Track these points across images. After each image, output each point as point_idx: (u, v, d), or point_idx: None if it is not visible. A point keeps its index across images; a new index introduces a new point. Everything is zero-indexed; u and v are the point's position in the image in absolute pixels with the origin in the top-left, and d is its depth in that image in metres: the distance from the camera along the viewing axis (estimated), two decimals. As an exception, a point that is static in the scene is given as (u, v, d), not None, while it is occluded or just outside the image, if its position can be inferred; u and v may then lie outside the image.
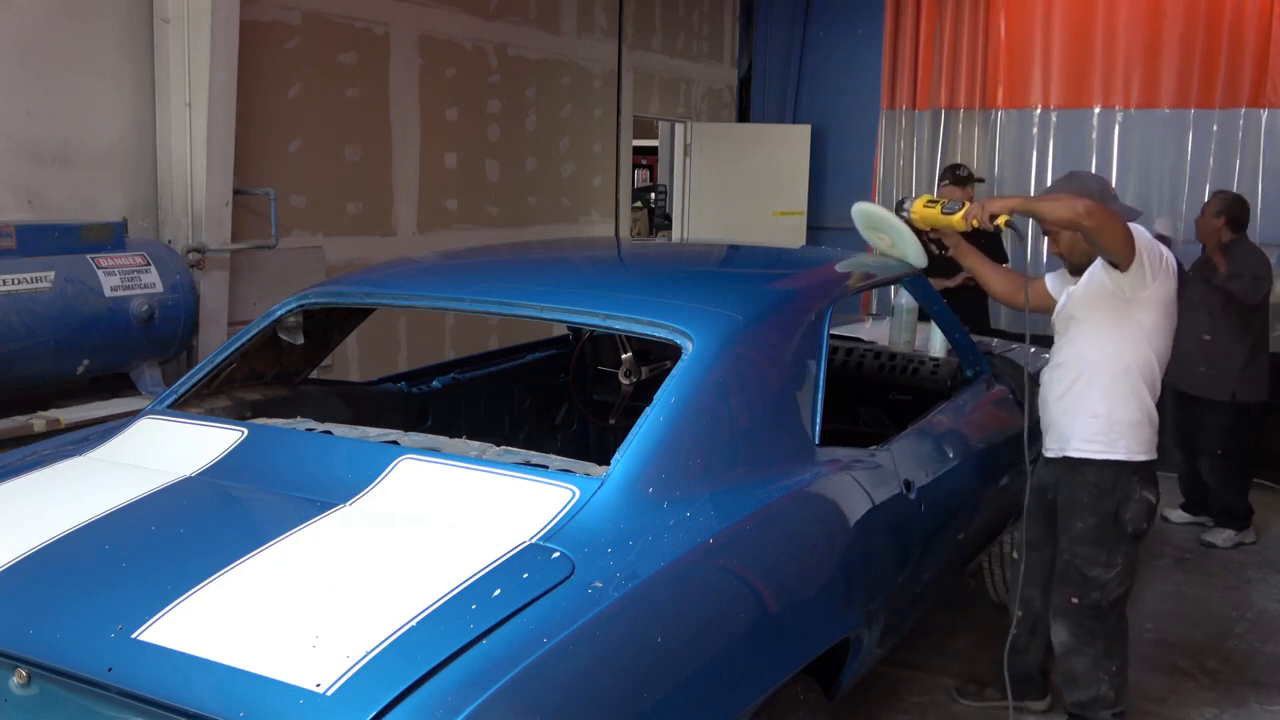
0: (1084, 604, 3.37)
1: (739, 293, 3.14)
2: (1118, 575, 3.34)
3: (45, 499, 2.54)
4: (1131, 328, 3.24)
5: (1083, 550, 3.35)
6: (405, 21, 6.00)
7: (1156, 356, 3.30)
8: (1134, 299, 3.20)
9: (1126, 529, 3.31)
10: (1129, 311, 3.22)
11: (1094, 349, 3.29)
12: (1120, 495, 3.30)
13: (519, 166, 7.01)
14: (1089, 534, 3.33)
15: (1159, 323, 3.26)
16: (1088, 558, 3.34)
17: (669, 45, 8.52)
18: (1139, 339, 3.25)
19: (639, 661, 2.08)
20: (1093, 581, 3.35)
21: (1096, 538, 3.33)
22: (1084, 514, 3.34)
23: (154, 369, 4.34)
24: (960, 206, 3.33)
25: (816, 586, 2.68)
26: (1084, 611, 3.38)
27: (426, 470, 2.50)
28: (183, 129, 4.65)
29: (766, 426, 2.78)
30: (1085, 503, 3.34)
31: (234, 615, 1.99)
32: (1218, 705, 3.94)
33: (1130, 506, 3.30)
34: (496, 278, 3.41)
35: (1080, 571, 3.36)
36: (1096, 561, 3.33)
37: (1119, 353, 3.26)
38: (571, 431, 4.79)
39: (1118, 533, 3.31)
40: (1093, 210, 3.01)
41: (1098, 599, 3.35)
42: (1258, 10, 7.45)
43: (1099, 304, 3.26)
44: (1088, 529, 3.34)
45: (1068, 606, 3.40)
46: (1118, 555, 3.33)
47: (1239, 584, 5.11)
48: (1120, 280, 3.17)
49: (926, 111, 8.55)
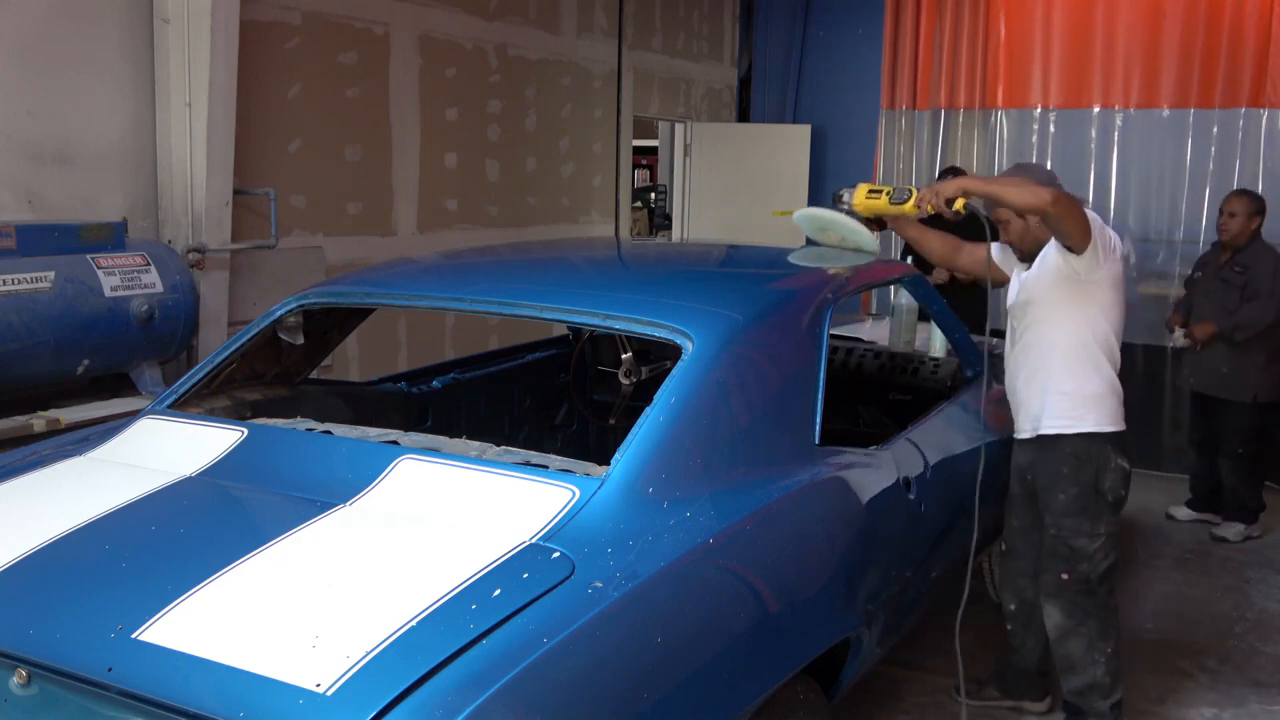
0: (1074, 579, 3.44)
1: (739, 293, 3.14)
2: (1103, 546, 3.42)
3: (45, 499, 2.54)
4: (1089, 306, 3.37)
5: (1068, 522, 3.43)
6: (405, 21, 5.99)
7: (1114, 331, 3.43)
8: (1089, 279, 3.32)
9: (1107, 497, 3.41)
10: (1085, 290, 3.34)
11: (1054, 329, 3.40)
12: (1098, 464, 3.40)
13: (519, 166, 7.01)
14: (1071, 505, 3.42)
15: (1113, 299, 3.40)
16: (1073, 529, 3.42)
17: (669, 45, 8.51)
18: (1096, 316, 3.39)
19: (639, 661, 2.08)
20: (1080, 553, 3.42)
21: (1079, 508, 3.41)
22: (1065, 485, 3.43)
23: (154, 369, 4.34)
24: (909, 194, 3.41)
25: (816, 586, 2.68)
26: (1075, 587, 3.44)
27: (426, 470, 2.51)
28: (183, 129, 4.65)
29: (766, 426, 2.78)
30: (1065, 474, 3.42)
31: (234, 615, 1.99)
32: (1218, 705, 3.94)
33: (1108, 474, 3.41)
34: (496, 278, 3.41)
35: (1067, 544, 3.44)
36: (1081, 531, 3.42)
37: (1078, 330, 3.38)
38: (571, 431, 4.80)
39: (1099, 501, 3.41)
40: (1059, 198, 3.14)
41: (1086, 571, 3.43)
42: (1258, 10, 7.44)
43: (1055, 286, 3.37)
44: (1069, 500, 3.42)
45: (1059, 584, 3.47)
46: (1100, 524, 3.42)
47: (1239, 584, 5.11)
48: (1075, 263, 3.30)
49: (926, 111, 8.54)
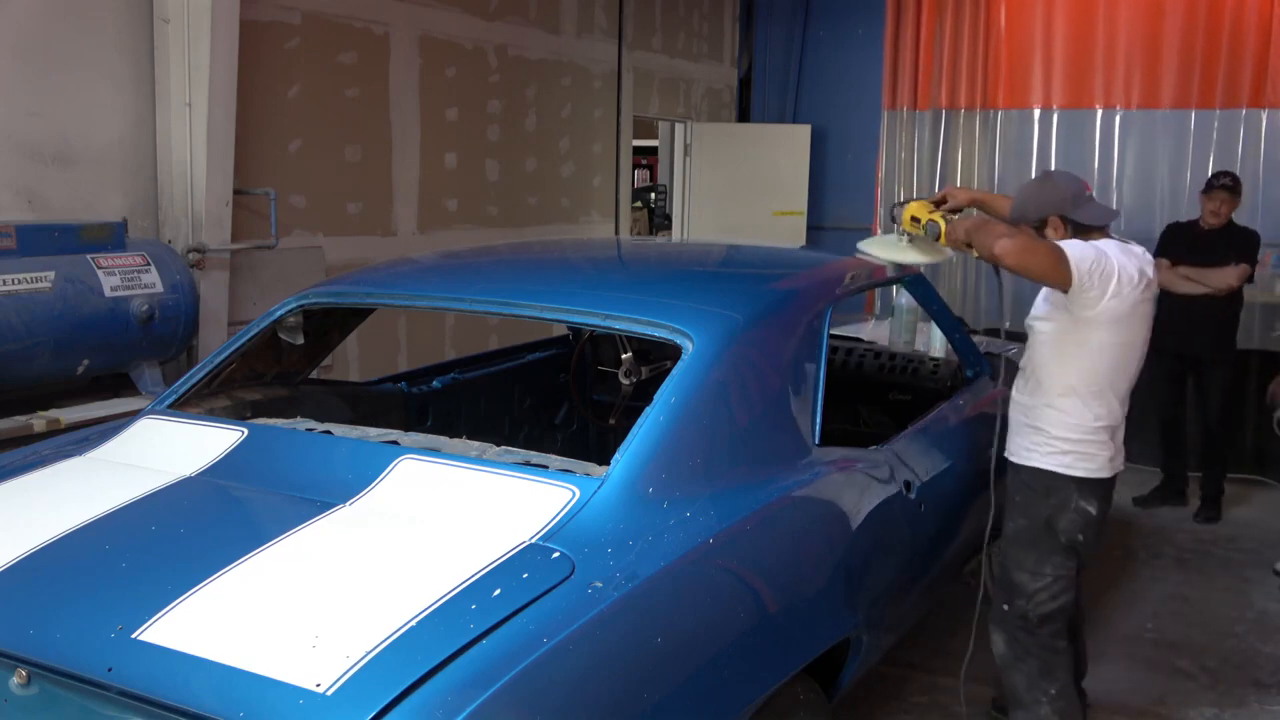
0: (1012, 612, 3.27)
1: (739, 293, 3.14)
2: (1047, 587, 3.21)
3: (45, 499, 2.54)
4: (1074, 346, 3.13)
5: (1011, 552, 3.27)
6: (405, 21, 5.99)
7: (1112, 369, 3.16)
8: (1080, 316, 3.07)
9: (1060, 538, 3.20)
10: (1079, 326, 3.11)
11: (1043, 361, 3.20)
12: (1056, 502, 3.19)
13: (519, 167, 7.01)
14: (1019, 536, 3.26)
15: (1110, 339, 3.12)
16: (1014, 560, 3.26)
17: (669, 45, 8.51)
18: (1082, 357, 3.13)
19: (639, 661, 2.08)
20: (1018, 588, 3.25)
21: (1026, 541, 3.24)
22: (1015, 515, 3.28)
23: (154, 369, 4.34)
24: (938, 229, 3.27)
25: (816, 587, 2.68)
26: (1014, 622, 3.27)
27: (426, 470, 2.50)
28: (183, 129, 4.65)
29: (766, 426, 2.78)
30: (1017, 503, 3.27)
31: (234, 615, 1.99)
32: (1218, 705, 3.94)
33: (1065, 515, 3.18)
34: (496, 278, 3.41)
35: (1007, 574, 3.28)
36: (1023, 566, 3.24)
37: (1063, 368, 3.16)
38: (571, 431, 4.79)
39: (1049, 539, 3.21)
40: (1009, 250, 2.94)
41: (1023, 608, 3.24)
42: (1258, 10, 7.44)
43: (1051, 316, 3.18)
44: (1018, 530, 3.26)
45: (1000, 613, 3.32)
46: (1046, 565, 3.21)
47: (1239, 584, 5.10)
48: (1064, 300, 3.08)
49: (927, 111, 8.54)
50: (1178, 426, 6.06)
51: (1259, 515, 5.76)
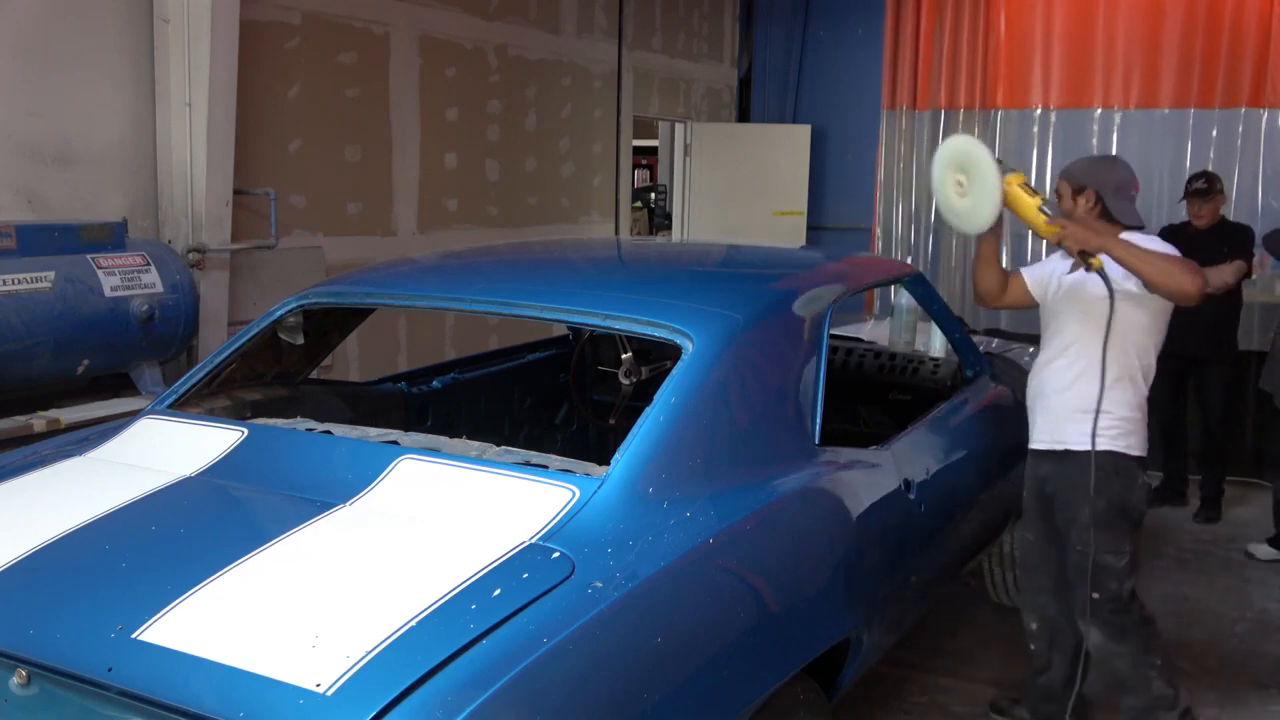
0: (1104, 598, 3.35)
1: (739, 293, 3.14)
2: (1128, 565, 3.36)
3: (45, 499, 2.54)
4: (1136, 331, 3.31)
5: (1098, 538, 3.32)
6: (405, 21, 5.99)
7: (1155, 350, 3.39)
8: (1145, 305, 3.27)
9: (1132, 514, 3.36)
10: (1135, 313, 3.27)
11: (1097, 346, 3.25)
12: (1124, 482, 3.33)
13: (519, 167, 7.01)
14: (1100, 520, 3.32)
15: (1150, 323, 3.34)
16: (1100, 545, 3.32)
17: (669, 45, 8.51)
18: (1139, 339, 3.33)
19: (639, 662, 2.08)
20: (1108, 570, 3.33)
21: (1106, 522, 3.33)
22: (1090, 501, 3.31)
23: (154, 369, 4.34)
24: (1058, 215, 3.23)
25: (816, 586, 2.68)
26: (1109, 607, 3.36)
27: (426, 470, 2.50)
28: (183, 129, 4.65)
29: (766, 426, 2.78)
30: (1091, 489, 3.29)
31: (234, 615, 1.99)
32: (1218, 705, 3.94)
33: (1135, 492, 3.36)
34: (496, 278, 3.41)
35: (1095, 562, 3.32)
36: (1108, 549, 3.33)
37: (1125, 350, 3.29)
38: (571, 431, 4.79)
39: (1123, 519, 3.35)
40: (1202, 291, 3.14)
41: (1116, 590, 3.35)
42: (1258, 10, 7.44)
43: (1101, 301, 3.20)
44: (1099, 514, 3.32)
45: (1088, 603, 3.36)
46: (1125, 542, 3.35)
47: (1239, 584, 5.11)
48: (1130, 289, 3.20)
49: (927, 111, 8.55)
50: (1178, 427, 6.06)
51: (1259, 515, 5.76)
